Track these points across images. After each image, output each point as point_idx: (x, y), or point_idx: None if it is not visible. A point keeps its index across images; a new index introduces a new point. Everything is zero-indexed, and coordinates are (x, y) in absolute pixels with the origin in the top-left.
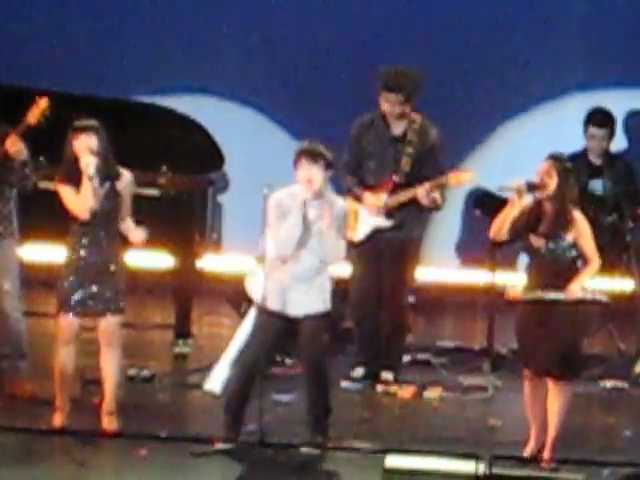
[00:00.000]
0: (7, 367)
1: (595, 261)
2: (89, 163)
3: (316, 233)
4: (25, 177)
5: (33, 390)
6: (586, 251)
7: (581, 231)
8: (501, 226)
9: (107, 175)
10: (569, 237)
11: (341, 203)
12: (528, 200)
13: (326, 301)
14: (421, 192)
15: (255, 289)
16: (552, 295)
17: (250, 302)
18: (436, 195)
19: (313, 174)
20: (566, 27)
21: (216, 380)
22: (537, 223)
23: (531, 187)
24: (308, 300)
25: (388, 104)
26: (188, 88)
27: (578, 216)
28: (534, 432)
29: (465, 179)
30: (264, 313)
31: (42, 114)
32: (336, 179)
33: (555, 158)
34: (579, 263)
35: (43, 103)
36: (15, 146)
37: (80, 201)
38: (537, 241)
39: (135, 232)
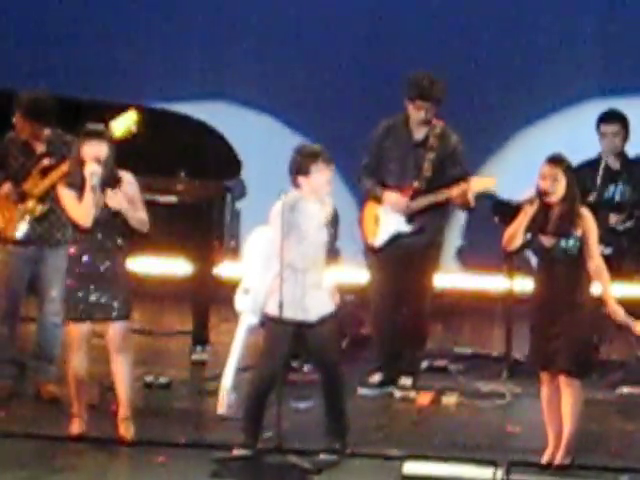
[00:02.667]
0: (35, 368)
1: (600, 264)
2: (93, 173)
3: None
4: None
5: (56, 393)
6: (592, 249)
7: (589, 225)
8: (513, 235)
9: (108, 181)
10: (578, 232)
11: (330, 200)
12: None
13: (330, 301)
14: (455, 192)
15: (256, 303)
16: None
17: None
18: (470, 196)
19: (330, 175)
20: (583, 34)
21: (227, 403)
22: (546, 223)
23: (542, 194)
24: (321, 303)
25: (420, 111)
26: (205, 95)
27: (585, 212)
28: (551, 438)
29: (488, 184)
30: (279, 323)
31: (128, 127)
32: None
33: (556, 160)
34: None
35: (131, 116)
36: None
37: (82, 210)
38: (548, 241)
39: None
